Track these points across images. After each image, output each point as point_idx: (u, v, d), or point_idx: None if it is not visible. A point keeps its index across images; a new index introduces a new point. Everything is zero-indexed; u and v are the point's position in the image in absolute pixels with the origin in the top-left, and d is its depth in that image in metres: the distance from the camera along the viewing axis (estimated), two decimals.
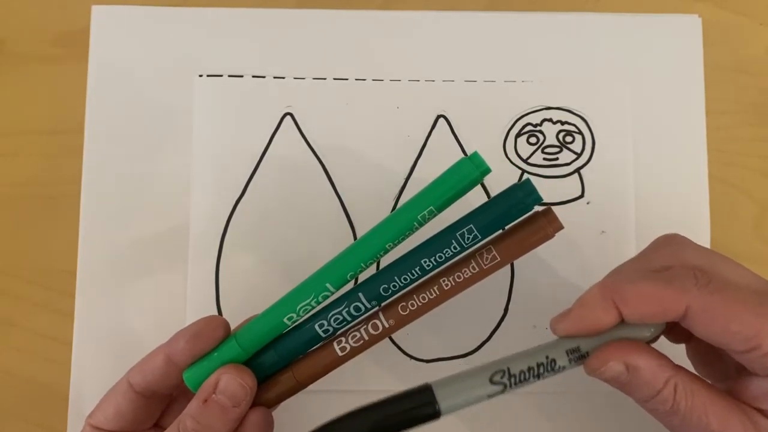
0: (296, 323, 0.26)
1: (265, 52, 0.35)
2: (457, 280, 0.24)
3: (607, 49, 0.36)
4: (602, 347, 0.23)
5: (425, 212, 0.24)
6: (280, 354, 0.26)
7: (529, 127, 0.35)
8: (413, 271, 0.24)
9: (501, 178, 0.35)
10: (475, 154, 0.23)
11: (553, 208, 0.36)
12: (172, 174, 0.35)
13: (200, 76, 0.35)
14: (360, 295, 0.25)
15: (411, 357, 0.34)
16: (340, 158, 0.35)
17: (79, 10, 0.36)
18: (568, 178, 0.35)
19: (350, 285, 0.26)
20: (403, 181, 0.35)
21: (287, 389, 0.26)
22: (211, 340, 0.26)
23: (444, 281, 0.24)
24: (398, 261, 0.25)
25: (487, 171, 0.23)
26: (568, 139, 0.35)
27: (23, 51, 0.36)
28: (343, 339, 0.25)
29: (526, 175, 0.35)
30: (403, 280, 0.24)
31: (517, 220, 0.24)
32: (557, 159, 0.35)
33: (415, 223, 0.24)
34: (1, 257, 0.35)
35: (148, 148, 0.35)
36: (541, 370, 0.24)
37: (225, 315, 0.34)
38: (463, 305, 0.34)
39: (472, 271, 0.24)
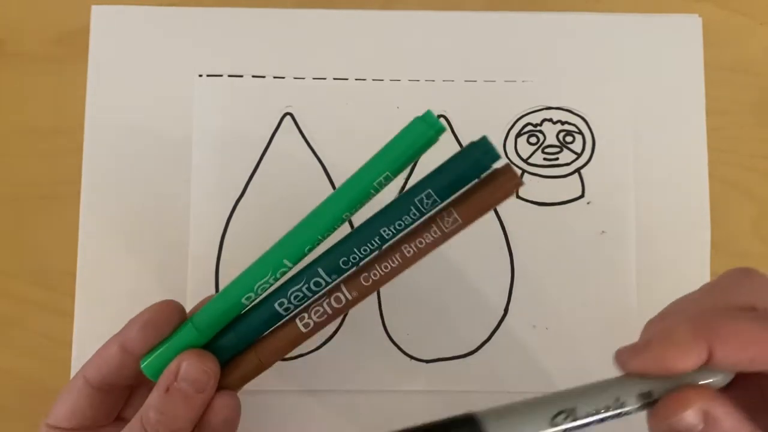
0: (254, 302, 0.25)
1: (265, 52, 0.35)
2: (419, 246, 0.23)
3: (607, 49, 0.36)
4: (677, 392, 0.20)
5: (381, 178, 0.23)
6: (240, 335, 0.25)
7: (529, 127, 0.35)
8: (373, 241, 0.23)
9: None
10: (428, 113, 0.22)
11: (554, 208, 0.36)
12: (171, 174, 0.35)
13: (200, 76, 0.35)
14: (319, 269, 0.24)
15: (411, 357, 0.34)
16: (340, 158, 0.35)
17: (79, 10, 0.36)
18: (568, 178, 0.35)
19: (308, 258, 0.25)
20: (403, 181, 0.35)
21: (251, 369, 0.25)
22: (166, 325, 0.25)
23: (406, 248, 0.23)
24: (356, 231, 0.24)
25: (442, 130, 0.22)
26: (568, 139, 0.35)
27: (23, 51, 0.36)
28: (306, 315, 0.24)
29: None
30: (362, 251, 0.24)
31: (475, 180, 0.23)
32: (557, 159, 0.35)
33: (371, 191, 0.23)
34: (1, 257, 0.35)
35: (147, 148, 0.35)
36: (607, 414, 0.21)
37: None
38: (463, 305, 0.34)
39: (434, 235, 0.23)
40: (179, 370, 0.24)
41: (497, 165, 0.23)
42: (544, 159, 0.35)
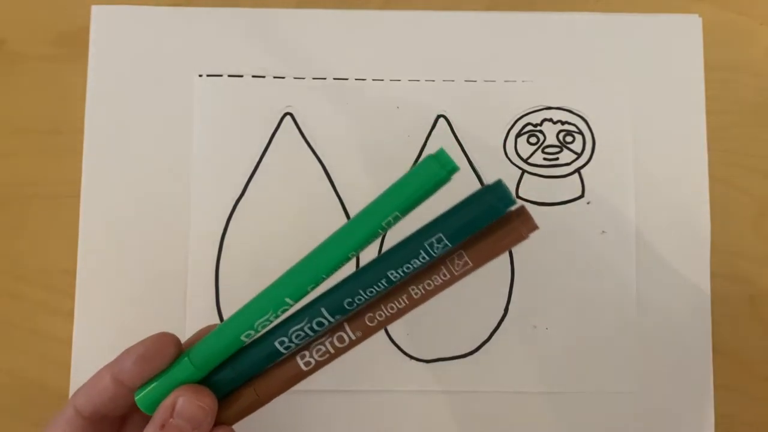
0: (253, 339, 0.24)
1: (265, 52, 0.35)
2: (427, 288, 0.23)
3: (607, 49, 0.36)
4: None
5: (390, 218, 0.22)
6: (238, 371, 0.24)
7: (529, 127, 0.35)
8: (379, 284, 0.23)
9: (501, 177, 0.35)
10: (441, 152, 0.22)
11: (554, 208, 0.36)
12: (172, 174, 0.35)
13: (200, 76, 0.35)
14: (322, 309, 0.23)
15: (411, 357, 0.34)
16: (340, 158, 0.35)
17: (79, 10, 0.36)
18: (568, 178, 0.35)
19: (311, 295, 0.24)
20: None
21: (248, 405, 0.25)
22: (162, 359, 0.24)
23: (413, 290, 0.23)
24: (362, 272, 0.23)
25: (455, 169, 0.22)
26: (568, 139, 0.35)
27: (23, 51, 0.36)
28: (307, 353, 0.24)
29: (523, 172, 0.35)
30: (368, 293, 0.23)
31: (488, 223, 0.22)
32: (557, 159, 0.35)
33: (379, 230, 0.22)
34: (1, 257, 0.35)
35: (148, 148, 0.35)
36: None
37: (225, 315, 0.34)
38: (463, 305, 0.34)
39: (442, 278, 0.23)
40: (175, 406, 0.23)
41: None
42: (544, 159, 0.35)
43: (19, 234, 0.35)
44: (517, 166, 0.35)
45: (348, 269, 0.23)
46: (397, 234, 0.23)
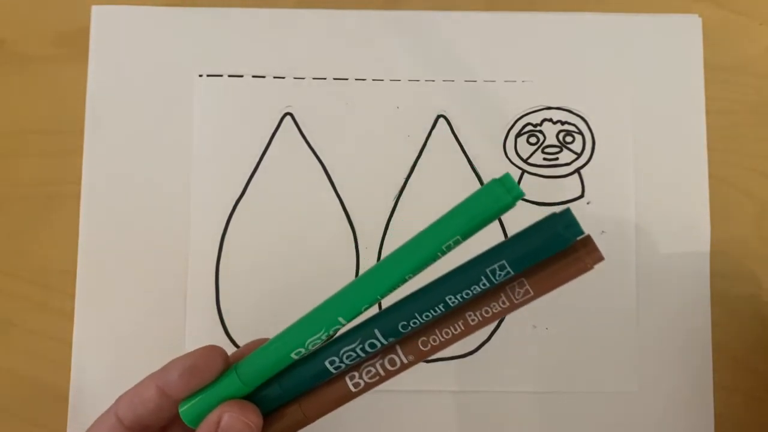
0: (303, 356, 0.24)
1: (265, 52, 0.35)
2: (485, 315, 0.22)
3: (607, 49, 0.36)
4: None
5: (451, 242, 0.21)
6: (285, 389, 0.24)
7: (529, 127, 0.35)
8: (437, 308, 0.22)
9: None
10: (507, 177, 0.21)
11: (554, 208, 0.36)
12: (172, 174, 0.35)
13: (200, 76, 0.35)
14: (376, 331, 0.23)
15: None
16: (340, 158, 0.35)
17: (79, 10, 0.36)
18: (568, 178, 0.35)
19: (364, 314, 0.24)
20: (403, 181, 0.35)
21: (294, 423, 0.24)
22: (209, 373, 0.24)
23: (470, 316, 0.22)
24: (419, 295, 0.22)
25: (520, 195, 0.21)
26: (568, 139, 0.35)
27: (23, 51, 0.36)
28: (357, 374, 0.23)
29: (523, 172, 0.35)
30: (424, 317, 0.22)
31: (553, 253, 0.21)
32: (557, 159, 0.35)
33: (438, 254, 0.21)
34: (1, 257, 0.35)
35: (148, 148, 0.35)
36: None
37: (225, 315, 0.34)
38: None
39: (501, 306, 0.22)
40: (221, 422, 0.23)
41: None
42: (544, 159, 0.35)
43: (19, 234, 0.35)
44: (517, 166, 0.35)
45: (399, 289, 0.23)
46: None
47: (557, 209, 0.21)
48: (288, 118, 0.35)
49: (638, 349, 0.34)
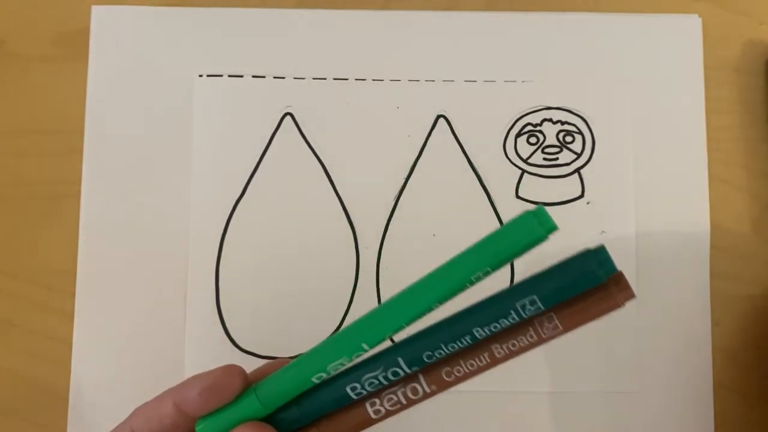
0: (324, 380, 0.23)
1: (265, 52, 0.35)
2: (512, 348, 0.22)
3: (607, 49, 0.36)
4: None
5: (480, 273, 0.21)
6: (304, 412, 0.24)
7: (529, 127, 0.35)
8: (463, 340, 0.22)
9: (501, 177, 0.35)
10: (541, 210, 0.20)
11: (553, 208, 0.36)
12: (172, 174, 0.35)
13: (200, 76, 0.35)
14: (399, 359, 0.22)
15: None
16: (340, 158, 0.35)
17: (79, 10, 0.36)
18: (568, 178, 0.35)
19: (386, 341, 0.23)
20: (403, 181, 0.35)
21: None
22: (229, 393, 0.23)
23: (496, 348, 0.22)
24: (445, 325, 0.22)
25: (554, 229, 0.20)
26: (568, 139, 0.35)
27: (23, 51, 0.36)
28: (377, 400, 0.23)
29: (523, 172, 0.35)
30: (450, 348, 0.22)
31: (586, 289, 0.21)
32: (557, 159, 0.35)
33: (467, 284, 0.21)
34: (1, 257, 0.35)
35: (148, 148, 0.35)
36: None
37: (225, 315, 0.34)
38: (463, 305, 0.34)
39: (529, 339, 0.22)
40: None
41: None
42: (544, 159, 0.35)
43: (19, 234, 0.35)
44: (517, 166, 0.35)
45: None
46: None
47: (591, 245, 0.21)
48: (288, 118, 0.35)
49: (638, 349, 0.34)
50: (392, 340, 0.23)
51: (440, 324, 0.22)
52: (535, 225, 0.20)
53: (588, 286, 0.21)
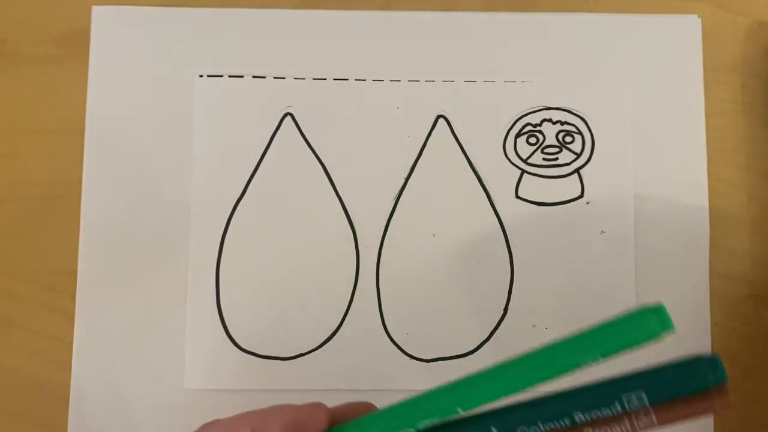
0: None
1: (265, 52, 0.35)
2: None
3: (607, 49, 0.36)
4: None
5: (590, 360, 0.21)
6: None
7: (529, 127, 0.35)
8: (561, 421, 0.21)
9: (501, 177, 0.35)
10: (661, 308, 0.20)
11: (553, 208, 0.36)
12: (172, 174, 0.35)
13: (200, 76, 0.35)
14: (492, 428, 0.22)
15: (411, 357, 0.34)
16: (340, 158, 0.35)
17: (79, 10, 0.36)
18: (568, 178, 0.35)
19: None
20: (403, 181, 0.35)
21: None
22: (312, 431, 0.23)
23: None
24: (546, 403, 0.22)
25: (671, 329, 0.20)
26: (568, 139, 0.35)
27: (23, 51, 0.36)
28: None
29: (522, 172, 0.35)
30: (545, 427, 0.22)
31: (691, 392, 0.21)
32: (557, 159, 0.35)
33: (575, 369, 0.21)
34: (1, 257, 0.35)
35: (148, 148, 0.35)
36: None
37: (225, 315, 0.34)
38: (463, 305, 0.34)
39: (622, 430, 0.21)
40: None
41: None
42: (544, 159, 0.35)
43: (19, 234, 0.35)
44: (517, 167, 0.35)
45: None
46: None
47: (703, 352, 0.21)
48: (288, 118, 0.35)
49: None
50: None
51: (540, 401, 0.22)
52: (654, 322, 0.20)
53: (695, 390, 0.21)
